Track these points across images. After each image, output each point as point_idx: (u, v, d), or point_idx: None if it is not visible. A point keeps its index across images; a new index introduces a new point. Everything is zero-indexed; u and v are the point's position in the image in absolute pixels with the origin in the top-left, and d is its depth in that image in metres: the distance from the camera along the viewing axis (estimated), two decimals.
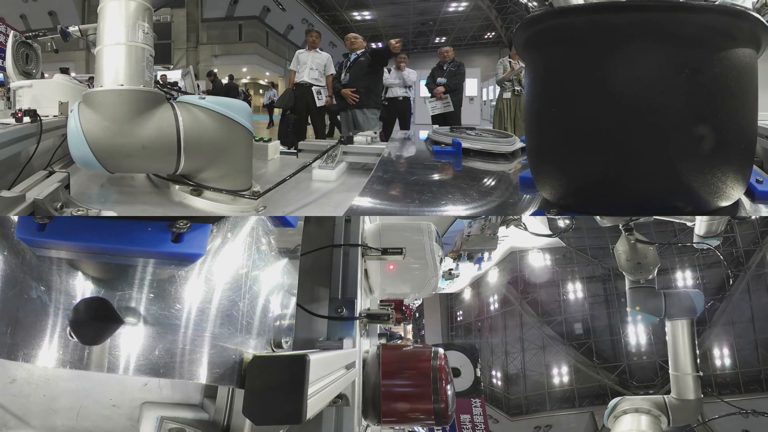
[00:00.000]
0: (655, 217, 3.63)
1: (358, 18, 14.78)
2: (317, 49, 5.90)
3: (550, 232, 4.17)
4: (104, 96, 1.89)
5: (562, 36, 1.36)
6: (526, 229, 4.01)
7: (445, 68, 6.45)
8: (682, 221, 3.64)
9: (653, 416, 3.41)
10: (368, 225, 1.86)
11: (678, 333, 3.60)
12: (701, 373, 3.51)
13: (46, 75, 3.51)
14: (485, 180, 2.30)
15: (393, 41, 4.98)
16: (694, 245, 3.77)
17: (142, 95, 1.92)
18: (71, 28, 3.12)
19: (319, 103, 5.78)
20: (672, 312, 3.64)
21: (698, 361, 3.55)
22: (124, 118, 1.87)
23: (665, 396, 3.56)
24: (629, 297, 3.86)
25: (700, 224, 3.51)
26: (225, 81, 12.53)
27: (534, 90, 1.49)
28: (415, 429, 2.70)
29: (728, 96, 1.30)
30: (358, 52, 5.50)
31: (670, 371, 3.62)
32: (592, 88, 1.32)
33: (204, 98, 2.05)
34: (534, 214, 1.75)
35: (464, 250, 5.23)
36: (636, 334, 10.77)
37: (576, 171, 1.40)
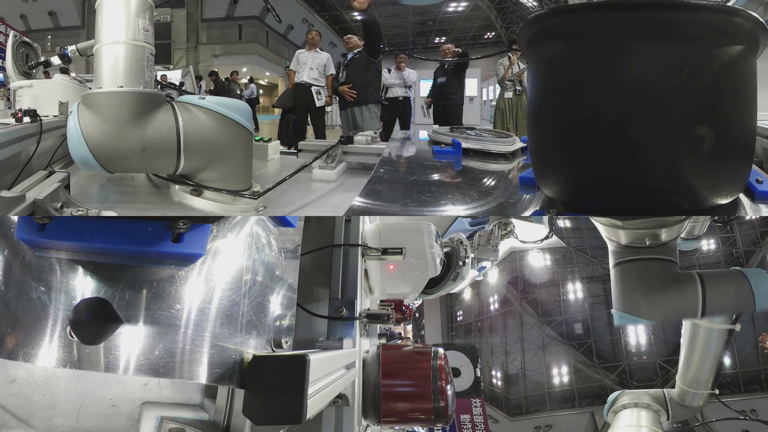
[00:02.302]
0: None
1: (359, 18, 14.76)
2: (317, 49, 5.90)
3: (537, 239, 3.86)
4: (103, 98, 1.87)
5: (565, 34, 1.37)
6: (516, 237, 3.89)
7: (446, 66, 6.44)
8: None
9: (653, 411, 3.22)
10: (368, 225, 1.85)
11: (704, 339, 2.48)
12: (717, 391, 2.79)
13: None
14: (485, 180, 2.30)
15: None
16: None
17: (142, 97, 1.90)
18: (69, 48, 3.14)
19: (318, 104, 5.79)
20: (712, 309, 1.99)
21: (719, 376, 2.75)
22: (123, 121, 1.85)
23: (665, 390, 3.29)
24: (618, 287, 2.09)
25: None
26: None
27: (537, 87, 1.49)
28: (415, 429, 2.70)
29: (727, 94, 1.30)
30: (355, 50, 5.53)
31: (677, 382, 2.96)
32: (594, 86, 1.33)
33: (204, 98, 2.04)
34: (534, 214, 1.75)
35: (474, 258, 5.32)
36: (636, 333, 10.77)
37: (578, 168, 1.40)
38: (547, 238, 3.74)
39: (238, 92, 10.11)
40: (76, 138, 1.82)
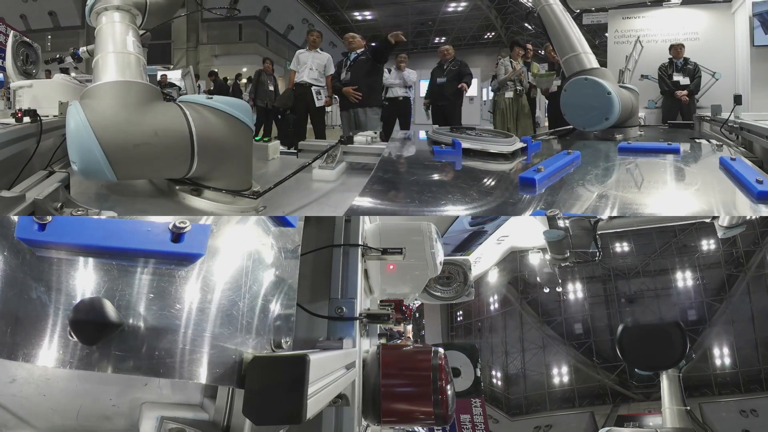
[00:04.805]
0: None
1: (359, 18, 14.78)
2: (318, 49, 5.89)
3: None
4: (110, 87, 1.78)
5: None
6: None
7: (445, 67, 6.45)
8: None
9: None
10: (368, 225, 1.85)
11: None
12: (689, 407, 3.51)
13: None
14: (485, 180, 2.30)
15: (393, 35, 5.00)
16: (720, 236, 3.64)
17: (148, 87, 1.87)
18: (81, 50, 3.24)
19: (318, 104, 5.78)
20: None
21: (684, 395, 3.54)
22: (132, 105, 1.73)
23: (657, 428, 3.53)
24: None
25: (723, 217, 3.47)
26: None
27: None
28: (415, 429, 2.71)
29: None
30: (358, 51, 5.49)
31: (662, 405, 3.65)
32: None
33: (212, 98, 1.99)
34: (534, 214, 1.75)
35: None
36: None
37: None
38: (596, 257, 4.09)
39: (270, 87, 8.29)
40: (82, 128, 1.55)
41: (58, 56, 3.50)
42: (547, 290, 6.80)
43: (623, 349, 3.24)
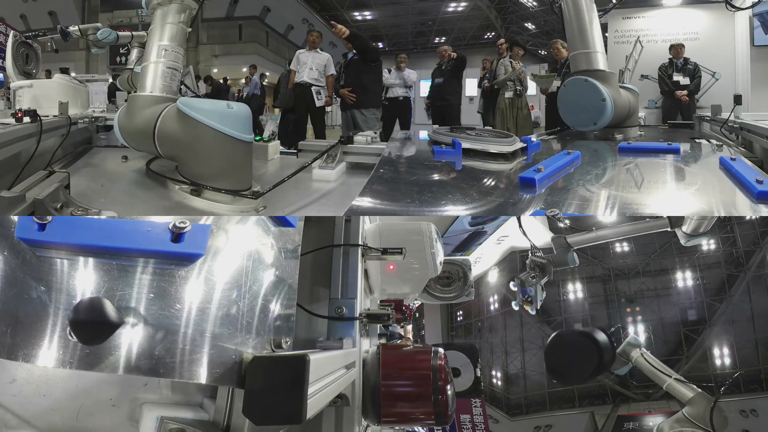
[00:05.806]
0: None
1: (359, 18, 14.78)
2: (317, 50, 5.89)
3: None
4: (132, 97, 2.55)
5: None
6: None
7: (443, 68, 6.45)
8: None
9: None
10: (368, 225, 1.85)
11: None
12: (680, 376, 3.46)
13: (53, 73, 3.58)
14: (485, 180, 2.30)
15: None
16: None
17: (150, 98, 2.44)
18: (71, 28, 3.24)
19: (318, 104, 5.78)
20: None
21: (667, 368, 3.51)
22: (138, 108, 2.45)
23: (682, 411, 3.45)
24: None
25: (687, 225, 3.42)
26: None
27: None
28: (415, 429, 2.71)
29: None
30: (354, 51, 5.50)
31: (664, 383, 3.64)
32: None
33: (187, 97, 2.44)
34: (534, 214, 1.75)
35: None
36: (635, 333, 10.78)
37: None
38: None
39: None
40: (115, 119, 2.61)
41: (38, 32, 3.50)
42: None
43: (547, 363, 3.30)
